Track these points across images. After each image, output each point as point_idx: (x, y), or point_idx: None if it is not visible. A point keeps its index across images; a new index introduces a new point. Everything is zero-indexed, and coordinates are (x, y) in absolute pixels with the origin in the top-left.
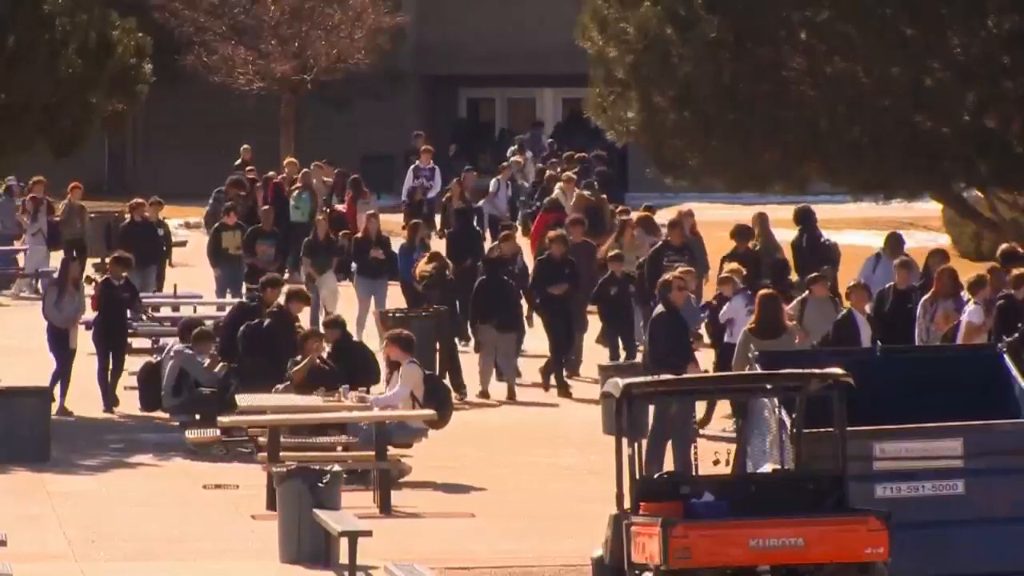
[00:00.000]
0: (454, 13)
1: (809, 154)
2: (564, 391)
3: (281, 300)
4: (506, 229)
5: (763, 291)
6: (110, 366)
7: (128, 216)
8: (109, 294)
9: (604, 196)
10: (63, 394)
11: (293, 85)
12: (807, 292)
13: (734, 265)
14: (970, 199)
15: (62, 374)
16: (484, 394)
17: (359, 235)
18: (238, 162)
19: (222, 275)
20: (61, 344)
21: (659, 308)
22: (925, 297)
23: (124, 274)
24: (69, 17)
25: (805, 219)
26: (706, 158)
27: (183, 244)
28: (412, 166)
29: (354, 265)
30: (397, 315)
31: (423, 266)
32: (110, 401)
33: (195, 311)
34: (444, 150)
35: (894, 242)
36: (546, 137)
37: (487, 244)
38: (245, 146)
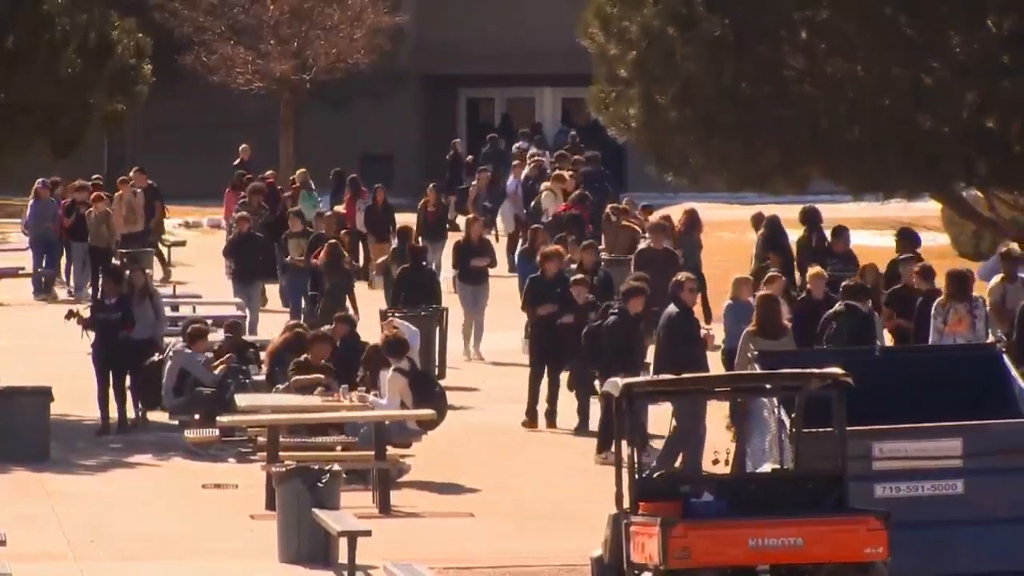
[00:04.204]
0: (454, 13)
1: (809, 153)
2: (532, 423)
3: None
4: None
5: (762, 292)
6: (110, 389)
7: (236, 229)
8: (94, 316)
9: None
10: (135, 404)
11: (293, 85)
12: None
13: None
14: (970, 199)
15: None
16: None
17: (460, 239)
18: (237, 161)
19: (287, 284)
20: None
21: (671, 308)
22: (938, 300)
23: (116, 291)
24: (69, 17)
25: (811, 219)
26: (707, 156)
27: (182, 244)
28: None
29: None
30: (397, 315)
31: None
32: (105, 427)
33: (194, 311)
34: (447, 151)
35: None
36: (570, 133)
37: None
38: (244, 145)
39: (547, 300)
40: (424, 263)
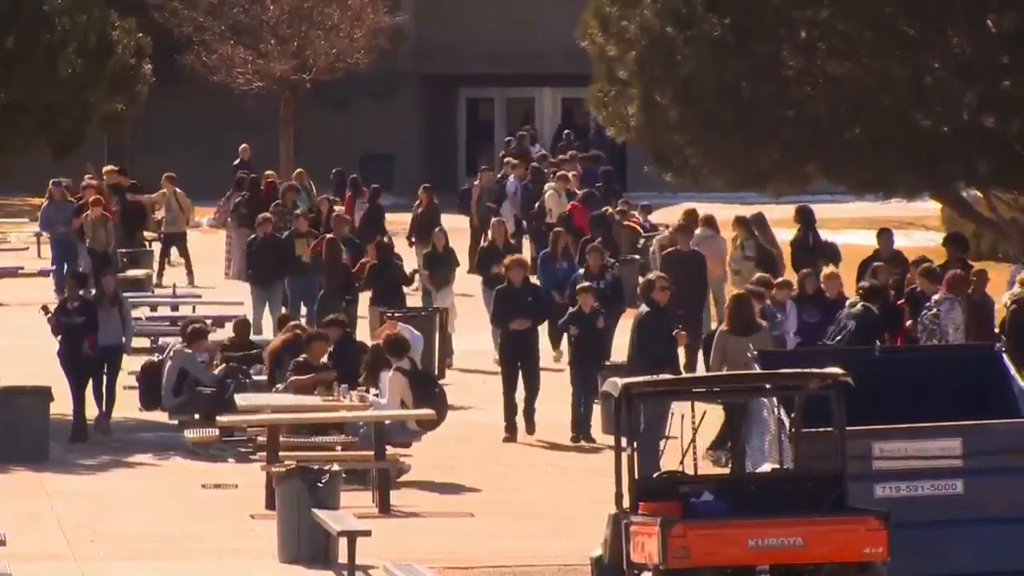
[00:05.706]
0: (454, 13)
1: (809, 153)
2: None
3: None
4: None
5: (735, 292)
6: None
7: (257, 232)
8: (58, 320)
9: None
10: (98, 405)
11: (293, 85)
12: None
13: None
14: (970, 199)
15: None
16: None
17: (485, 244)
18: (237, 161)
19: (293, 285)
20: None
21: (643, 307)
22: (942, 307)
23: (79, 295)
24: (69, 17)
25: (806, 218)
26: (707, 155)
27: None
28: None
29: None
30: (396, 315)
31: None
32: (79, 433)
33: (194, 311)
34: (450, 150)
35: None
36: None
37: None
38: (244, 145)
39: (516, 311)
40: (392, 259)
